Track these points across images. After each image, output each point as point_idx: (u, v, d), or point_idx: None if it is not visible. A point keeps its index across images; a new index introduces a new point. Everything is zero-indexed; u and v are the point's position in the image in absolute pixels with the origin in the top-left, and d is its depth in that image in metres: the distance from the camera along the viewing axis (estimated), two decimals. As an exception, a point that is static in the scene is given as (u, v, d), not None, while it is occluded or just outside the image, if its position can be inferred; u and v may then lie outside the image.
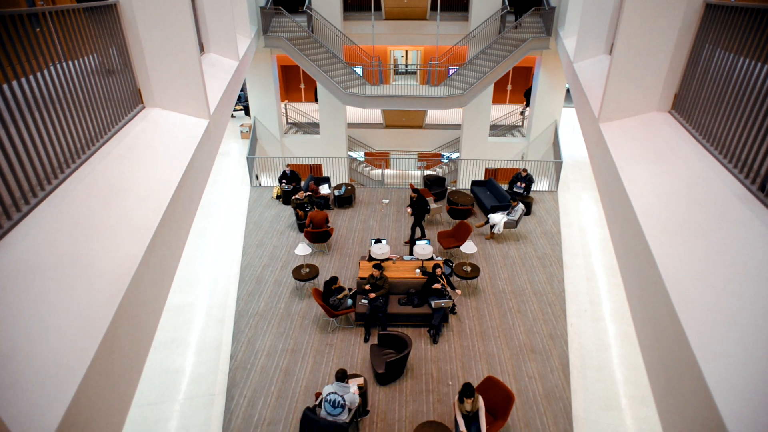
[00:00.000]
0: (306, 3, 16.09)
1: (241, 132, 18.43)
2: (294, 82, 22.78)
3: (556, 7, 14.88)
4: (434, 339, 8.84)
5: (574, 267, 11.16)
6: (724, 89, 3.92)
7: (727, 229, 2.80)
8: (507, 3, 15.66)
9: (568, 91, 18.78)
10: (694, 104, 4.54)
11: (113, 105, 4.38)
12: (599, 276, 10.88)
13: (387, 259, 10.18)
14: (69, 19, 3.86)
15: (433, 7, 16.66)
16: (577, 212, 13.41)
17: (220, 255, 11.70)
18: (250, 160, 15.16)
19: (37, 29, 3.66)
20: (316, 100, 21.27)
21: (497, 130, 19.27)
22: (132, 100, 4.95)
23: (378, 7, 16.94)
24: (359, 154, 20.65)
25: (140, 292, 2.94)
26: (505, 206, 12.37)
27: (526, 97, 19.70)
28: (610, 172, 4.70)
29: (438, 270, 9.00)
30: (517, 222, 11.83)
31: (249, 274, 10.94)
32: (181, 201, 4.15)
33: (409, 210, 11.29)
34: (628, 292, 3.70)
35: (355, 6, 18.04)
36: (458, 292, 9.04)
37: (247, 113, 20.06)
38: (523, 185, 13.43)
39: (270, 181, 16.20)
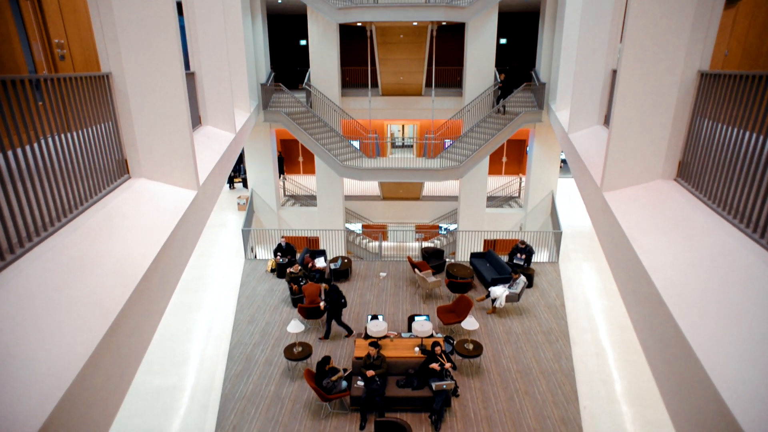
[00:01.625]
0: (306, 80, 16.69)
1: (239, 204, 18.38)
2: (293, 155, 23.15)
3: (546, 83, 15.42)
4: (436, 425, 8.07)
5: (582, 343, 10.56)
6: (733, 157, 3.74)
7: (770, 309, 2.45)
8: (499, 79, 16.26)
9: (563, 162, 19.05)
10: (701, 172, 4.35)
11: (94, 175, 4.16)
12: (609, 352, 10.26)
13: (384, 337, 9.61)
14: (62, 89, 3.77)
15: (428, 84, 17.27)
16: (580, 283, 12.97)
17: (209, 332, 11.09)
18: (246, 232, 14.92)
19: (40, 102, 3.55)
20: (280, 170, 21.50)
21: (494, 201, 19.29)
22: (117, 170, 4.75)
23: (375, 84, 17.57)
24: (356, 227, 20.50)
25: (89, 392, 2.51)
26: (506, 278, 11.96)
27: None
28: (620, 243, 4.41)
29: (438, 348, 8.43)
30: (519, 295, 11.38)
31: (238, 352, 10.28)
32: (156, 277, 3.80)
33: (321, 304, 10.51)
34: (659, 380, 3.26)
35: (353, 83, 18.73)
36: (447, 365, 8.29)
37: (246, 185, 20.16)
38: (524, 256, 13.11)
39: (265, 254, 15.85)
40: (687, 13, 4.63)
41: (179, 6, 6.39)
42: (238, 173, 21.13)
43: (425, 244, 18.49)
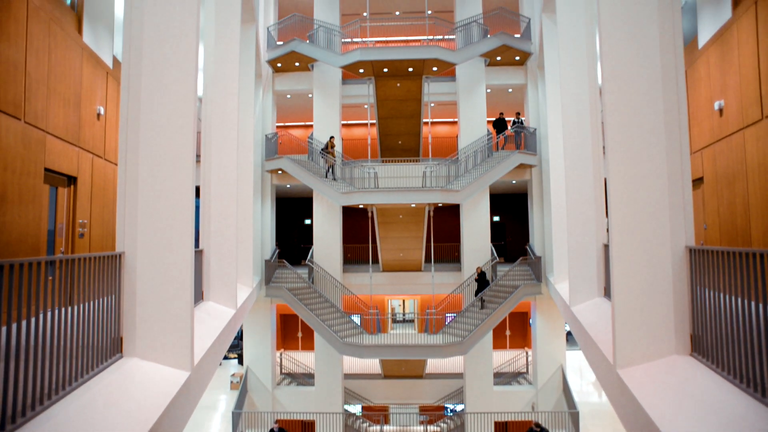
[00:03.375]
0: (309, 257, 17.29)
1: (232, 382, 17.35)
2: (292, 331, 22.68)
3: (542, 256, 15.95)
4: None
5: None
6: (745, 328, 3.66)
7: None
8: (495, 254, 16.87)
9: (568, 333, 18.58)
10: (716, 346, 4.20)
11: (85, 354, 4.01)
12: None
13: None
14: (75, 268, 3.89)
15: (428, 259, 17.84)
16: (610, 477, 11.43)
17: None
18: (236, 415, 13.74)
19: (50, 278, 3.64)
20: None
21: (502, 378, 18.24)
22: (110, 349, 4.59)
23: (376, 260, 18.16)
24: (356, 408, 18.98)
25: None
26: (524, 470, 10.59)
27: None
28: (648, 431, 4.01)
29: None
30: (542, 492, 9.92)
31: None
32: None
33: None
34: None
35: (354, 259, 19.38)
36: None
37: (241, 362, 19.29)
38: (542, 443, 11.83)
39: (254, 442, 14.35)
40: (661, 193, 5.04)
41: (196, 189, 6.97)
42: (232, 349, 20.42)
43: (431, 428, 16.86)
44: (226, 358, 20.13)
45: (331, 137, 16.30)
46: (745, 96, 7.99)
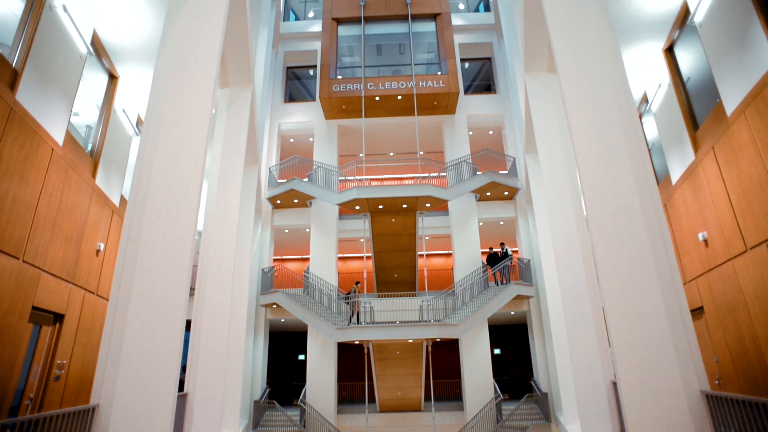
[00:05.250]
0: (301, 396, 16.18)
1: None
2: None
3: (548, 392, 14.99)
4: None
5: None
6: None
7: None
8: (499, 391, 15.87)
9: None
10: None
11: None
12: None
13: None
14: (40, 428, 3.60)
15: (428, 398, 16.71)
16: None
17: None
18: None
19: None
20: None
21: None
22: None
23: (372, 400, 16.99)
24: None
25: None
26: None
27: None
28: None
29: None
30: None
31: None
32: None
33: None
34: None
35: (349, 399, 18.13)
36: None
37: None
38: None
39: None
40: (663, 328, 4.93)
41: (187, 323, 6.70)
42: None
43: None
44: None
45: (357, 283, 16.33)
46: (725, 228, 8.28)
